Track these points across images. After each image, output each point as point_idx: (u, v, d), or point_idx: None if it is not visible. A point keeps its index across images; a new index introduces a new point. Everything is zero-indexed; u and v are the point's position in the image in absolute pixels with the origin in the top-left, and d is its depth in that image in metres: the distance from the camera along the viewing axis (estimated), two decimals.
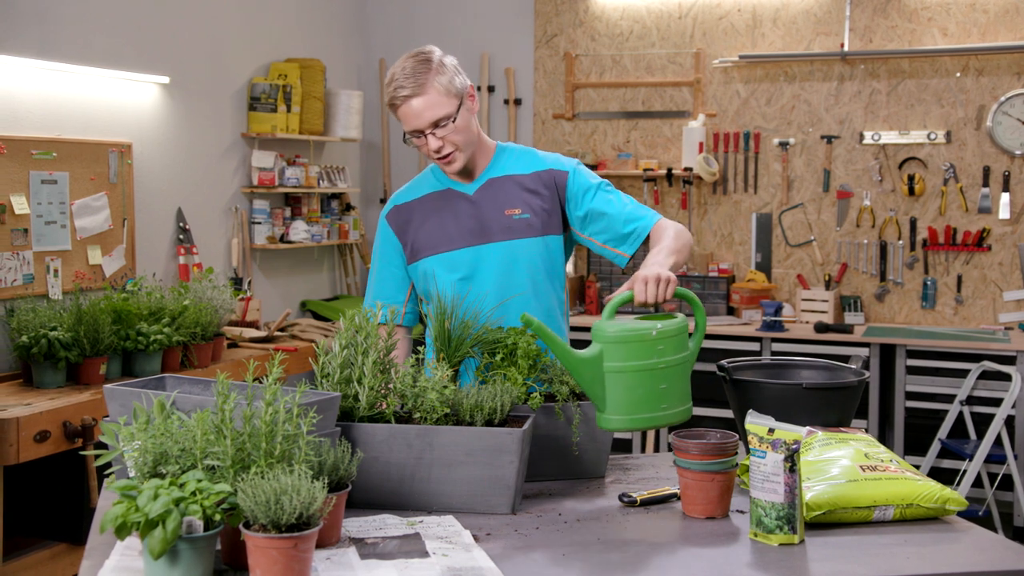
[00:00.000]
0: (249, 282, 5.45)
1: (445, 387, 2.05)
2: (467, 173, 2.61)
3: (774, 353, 5.32)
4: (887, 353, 5.29)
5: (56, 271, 4.26)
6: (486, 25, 6.45)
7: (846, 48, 5.71)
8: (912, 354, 5.20)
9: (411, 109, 2.44)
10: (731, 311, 5.87)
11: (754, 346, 5.44)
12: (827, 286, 5.80)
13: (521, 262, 2.56)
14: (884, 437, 5.37)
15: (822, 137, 5.83)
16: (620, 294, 2.15)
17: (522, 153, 2.66)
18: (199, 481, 1.58)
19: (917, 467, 5.07)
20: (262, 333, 4.91)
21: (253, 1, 5.55)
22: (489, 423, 2.04)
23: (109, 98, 4.59)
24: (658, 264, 2.28)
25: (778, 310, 5.43)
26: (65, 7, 4.33)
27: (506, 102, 6.41)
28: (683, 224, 3.32)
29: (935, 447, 5.08)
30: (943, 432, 5.06)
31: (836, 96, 5.80)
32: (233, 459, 1.66)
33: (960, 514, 2.04)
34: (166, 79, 4.86)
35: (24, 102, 4.17)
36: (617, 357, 2.05)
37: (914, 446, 5.21)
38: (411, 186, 2.72)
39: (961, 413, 5.05)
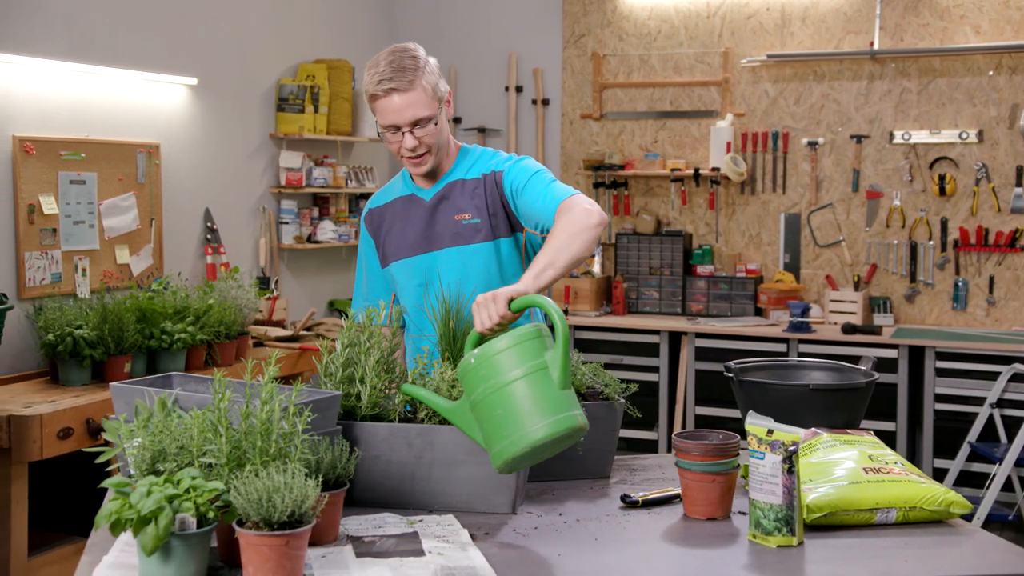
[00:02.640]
0: (276, 281, 5.49)
1: (452, 386, 2.05)
2: (431, 176, 2.59)
3: (801, 354, 5.28)
4: (916, 355, 5.22)
5: (84, 270, 4.32)
6: (514, 25, 6.45)
7: (876, 47, 5.64)
8: (942, 356, 5.13)
9: (392, 104, 2.42)
10: (759, 312, 5.83)
11: (780, 347, 5.40)
12: (856, 287, 5.74)
13: (473, 267, 2.54)
14: (913, 440, 5.31)
15: (851, 137, 5.77)
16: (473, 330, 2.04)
17: (480, 156, 2.62)
18: (193, 479, 1.59)
19: (946, 470, 5.02)
20: (287, 332, 4.94)
21: (281, 2, 5.60)
22: None
23: (137, 99, 4.65)
24: (522, 282, 2.12)
25: (805, 311, 5.38)
26: (94, 9, 4.39)
27: (534, 102, 6.41)
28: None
29: (964, 450, 5.01)
30: (973, 435, 4.99)
31: (866, 95, 5.74)
32: (229, 457, 1.67)
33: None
34: (194, 80, 4.91)
35: (53, 103, 4.24)
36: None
37: (943, 449, 5.14)
38: (385, 189, 2.74)
39: (991, 416, 4.98)
